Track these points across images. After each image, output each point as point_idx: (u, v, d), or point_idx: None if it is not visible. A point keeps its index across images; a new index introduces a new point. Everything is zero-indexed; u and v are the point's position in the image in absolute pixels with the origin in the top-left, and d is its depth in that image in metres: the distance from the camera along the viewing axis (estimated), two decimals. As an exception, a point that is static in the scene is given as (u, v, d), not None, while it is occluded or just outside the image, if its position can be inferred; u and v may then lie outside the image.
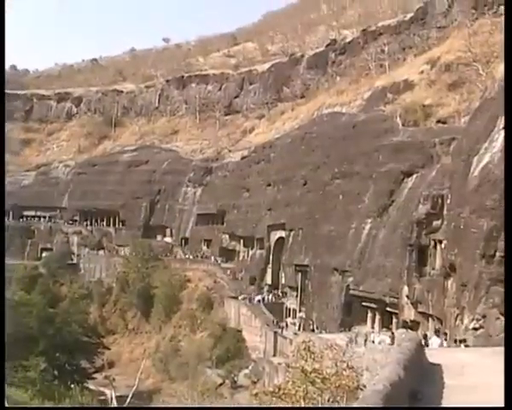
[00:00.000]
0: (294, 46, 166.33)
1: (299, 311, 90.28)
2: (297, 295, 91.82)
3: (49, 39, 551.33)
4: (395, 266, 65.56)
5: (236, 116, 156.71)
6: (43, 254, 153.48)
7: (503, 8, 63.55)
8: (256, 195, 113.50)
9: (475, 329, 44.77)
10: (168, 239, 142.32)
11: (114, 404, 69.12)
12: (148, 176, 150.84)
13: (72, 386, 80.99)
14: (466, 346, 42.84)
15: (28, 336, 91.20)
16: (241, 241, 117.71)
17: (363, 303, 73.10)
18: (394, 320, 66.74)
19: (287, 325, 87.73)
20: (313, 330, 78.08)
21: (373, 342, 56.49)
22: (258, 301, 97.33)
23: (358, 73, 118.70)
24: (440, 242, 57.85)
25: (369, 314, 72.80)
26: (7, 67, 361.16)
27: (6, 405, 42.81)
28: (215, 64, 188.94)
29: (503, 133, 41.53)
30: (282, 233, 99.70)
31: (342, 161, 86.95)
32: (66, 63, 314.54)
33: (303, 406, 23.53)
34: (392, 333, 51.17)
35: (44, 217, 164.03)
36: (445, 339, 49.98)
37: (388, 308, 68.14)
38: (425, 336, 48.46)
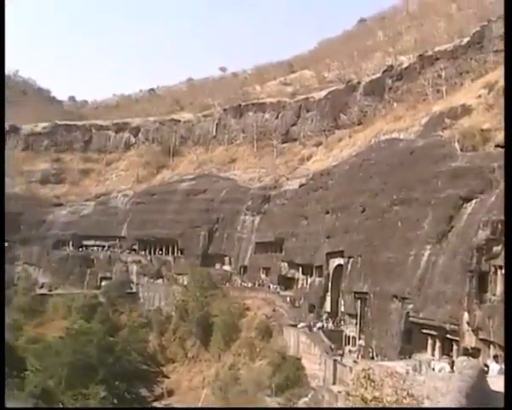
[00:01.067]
0: (351, 73, 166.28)
1: (359, 338, 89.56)
2: (356, 323, 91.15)
3: (106, 70, 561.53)
4: (455, 292, 64.75)
5: (294, 144, 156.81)
6: (103, 283, 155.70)
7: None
8: (314, 222, 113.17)
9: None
10: (227, 267, 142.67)
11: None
12: (206, 205, 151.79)
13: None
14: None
15: (88, 364, 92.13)
16: (300, 269, 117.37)
17: (423, 330, 72.21)
18: (455, 347, 65.78)
19: (344, 352, 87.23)
20: (373, 358, 77.41)
21: (433, 369, 55.75)
22: (318, 328, 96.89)
23: (415, 99, 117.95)
24: (501, 267, 56.97)
25: (429, 341, 71.82)
26: (66, 97, 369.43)
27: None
28: (272, 92, 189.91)
29: None
30: (341, 260, 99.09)
31: (400, 187, 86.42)
32: (123, 93, 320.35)
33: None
34: (453, 361, 50.44)
35: (104, 246, 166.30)
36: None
37: (448, 335, 67.20)
38: (486, 365, 47.72)
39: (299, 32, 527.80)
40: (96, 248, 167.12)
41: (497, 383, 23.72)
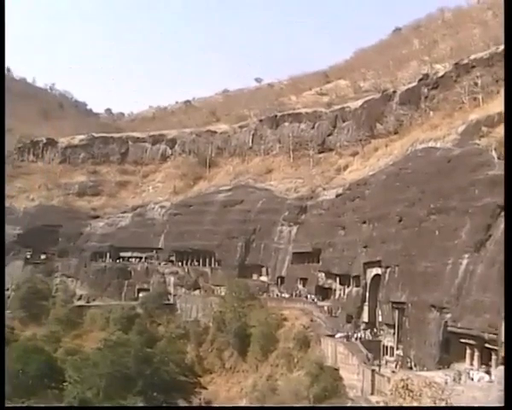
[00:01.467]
0: (386, 82, 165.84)
1: (397, 348, 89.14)
2: (394, 333, 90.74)
3: (143, 83, 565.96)
4: (493, 301, 64.25)
5: (330, 154, 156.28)
6: (140, 295, 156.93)
7: None
8: (351, 232, 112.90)
9: None
10: (264, 278, 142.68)
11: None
12: (243, 215, 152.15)
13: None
14: None
15: (126, 375, 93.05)
16: (337, 279, 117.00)
17: (462, 340, 71.70)
18: (493, 357, 65.23)
19: (382, 363, 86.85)
20: (411, 368, 77.06)
21: (472, 379, 55.40)
22: (355, 339, 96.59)
23: (452, 107, 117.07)
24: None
25: (468, 351, 71.27)
26: (102, 110, 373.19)
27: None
28: (307, 102, 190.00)
29: None
30: (379, 270, 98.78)
31: (438, 196, 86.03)
32: (160, 105, 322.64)
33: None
34: (490, 371, 50.14)
35: (141, 258, 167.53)
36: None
37: (487, 345, 66.66)
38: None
39: (334, 42, 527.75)
40: (133, 259, 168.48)
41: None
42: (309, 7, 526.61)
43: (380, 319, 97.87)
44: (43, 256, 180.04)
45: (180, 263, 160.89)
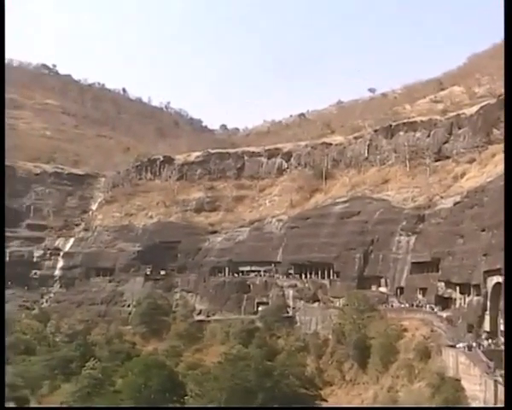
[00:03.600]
0: (502, 87, 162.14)
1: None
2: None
3: (257, 98, 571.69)
4: None
5: (447, 162, 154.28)
6: (260, 308, 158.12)
7: None
8: (470, 240, 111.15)
9: None
10: (383, 289, 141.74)
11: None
12: (360, 227, 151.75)
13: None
14: None
15: (246, 389, 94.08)
16: (457, 288, 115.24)
17: None
18: None
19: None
20: (535, 378, 75.07)
21: None
22: (477, 348, 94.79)
23: None
24: None
25: None
26: (217, 126, 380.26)
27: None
28: (422, 110, 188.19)
29: None
30: (500, 278, 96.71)
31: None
32: (274, 119, 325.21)
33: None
34: None
35: (259, 271, 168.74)
36: None
37: None
38: None
39: (447, 49, 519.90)
40: (252, 273, 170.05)
41: None
42: (420, 15, 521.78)
43: (502, 328, 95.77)
44: (162, 272, 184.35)
45: (298, 276, 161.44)
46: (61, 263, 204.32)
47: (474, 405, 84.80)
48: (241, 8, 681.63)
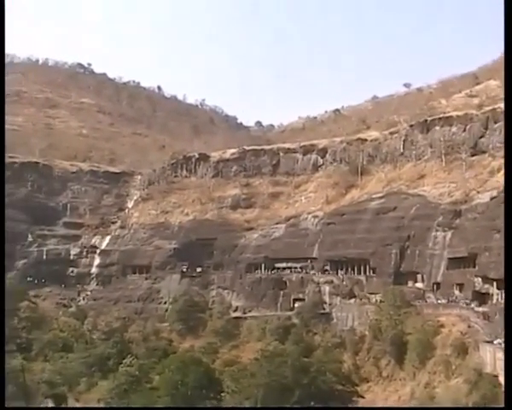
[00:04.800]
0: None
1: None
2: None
3: (292, 94, 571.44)
4: None
5: (483, 156, 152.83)
6: (296, 305, 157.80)
7: None
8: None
9: None
10: (419, 285, 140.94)
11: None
12: (396, 222, 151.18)
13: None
14: None
15: (283, 385, 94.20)
16: (494, 283, 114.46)
17: None
18: None
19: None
20: None
21: None
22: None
23: None
24: None
25: None
26: (252, 123, 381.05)
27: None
28: (458, 105, 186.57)
29: None
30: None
31: None
32: (309, 116, 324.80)
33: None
34: None
35: (295, 268, 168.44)
36: None
37: None
38: None
39: (482, 43, 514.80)
40: (288, 270, 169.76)
41: None
42: (456, 9, 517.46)
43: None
44: (198, 269, 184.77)
45: (335, 272, 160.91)
46: (97, 261, 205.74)
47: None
48: (271, 5, 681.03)
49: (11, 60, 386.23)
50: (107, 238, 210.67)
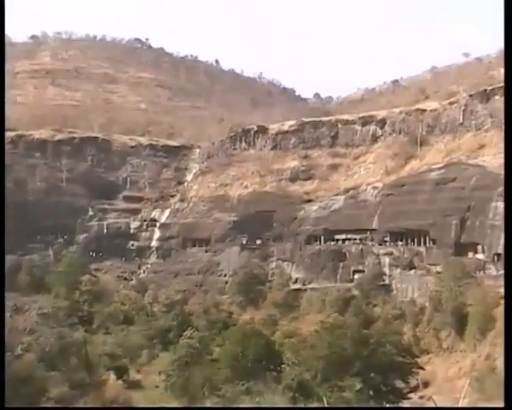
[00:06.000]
0: None
1: None
2: None
3: (350, 66, 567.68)
4: None
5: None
6: (355, 277, 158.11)
7: None
8: None
9: None
10: (480, 256, 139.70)
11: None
12: (456, 193, 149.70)
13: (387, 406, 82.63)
14: None
15: (343, 357, 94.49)
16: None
17: None
18: None
19: None
20: None
21: None
22: None
23: None
24: None
25: None
26: (310, 95, 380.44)
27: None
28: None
29: None
30: None
31: None
32: (367, 87, 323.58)
33: None
34: None
35: (355, 239, 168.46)
36: None
37: None
38: None
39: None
40: (347, 241, 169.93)
41: None
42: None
43: None
44: (258, 242, 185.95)
45: (394, 243, 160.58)
46: (157, 234, 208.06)
47: None
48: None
49: (69, 37, 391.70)
50: (167, 212, 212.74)
